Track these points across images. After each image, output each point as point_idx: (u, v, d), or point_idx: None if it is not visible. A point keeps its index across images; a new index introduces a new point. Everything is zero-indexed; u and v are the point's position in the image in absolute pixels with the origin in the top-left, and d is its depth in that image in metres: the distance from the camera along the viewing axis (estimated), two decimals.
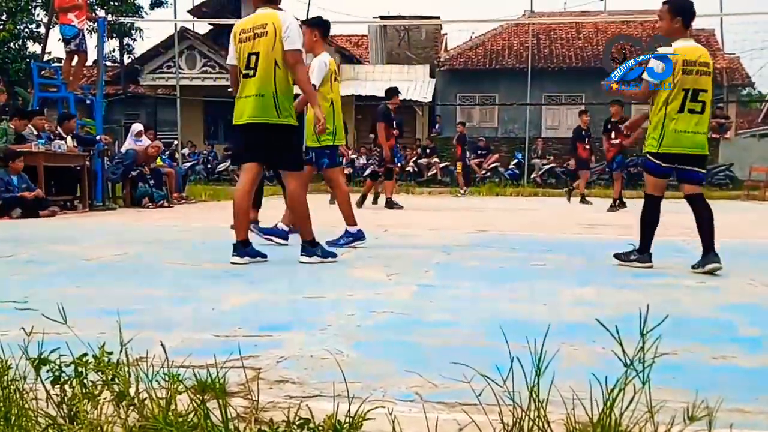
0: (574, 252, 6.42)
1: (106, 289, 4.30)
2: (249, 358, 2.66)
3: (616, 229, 8.90)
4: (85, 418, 1.68)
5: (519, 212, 12.50)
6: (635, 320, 1.71)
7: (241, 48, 5.20)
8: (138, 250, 6.21)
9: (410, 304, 3.89)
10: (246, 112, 5.18)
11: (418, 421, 1.87)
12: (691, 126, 5.13)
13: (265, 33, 5.14)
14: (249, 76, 5.17)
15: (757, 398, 2.17)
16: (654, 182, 5.37)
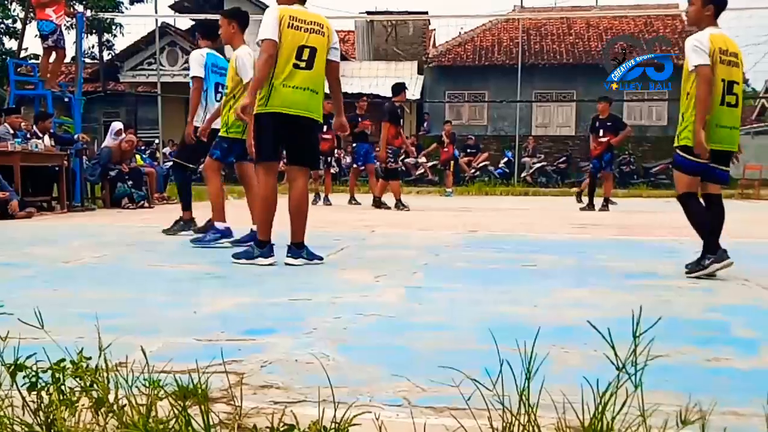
0: (565, 253, 6.44)
1: (85, 293, 4.28)
2: (232, 363, 2.65)
3: (608, 229, 8.95)
4: (63, 425, 1.67)
5: (509, 212, 12.53)
6: (627, 322, 1.72)
7: (291, 35, 5.15)
8: (117, 252, 6.18)
9: (398, 307, 3.89)
10: (299, 103, 5.18)
11: (406, 426, 1.87)
12: (730, 120, 5.02)
13: (322, 32, 5.27)
14: (301, 68, 5.16)
15: (751, 400, 2.18)
16: (688, 180, 5.09)
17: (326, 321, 3.48)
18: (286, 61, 5.13)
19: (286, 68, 5.12)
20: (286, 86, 5.13)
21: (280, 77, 5.12)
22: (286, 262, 5.29)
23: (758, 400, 2.04)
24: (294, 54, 5.14)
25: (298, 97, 5.16)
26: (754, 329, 3.50)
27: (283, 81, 5.12)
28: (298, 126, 5.21)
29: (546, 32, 28.62)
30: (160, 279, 4.82)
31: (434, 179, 23.06)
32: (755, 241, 7.90)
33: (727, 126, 4.99)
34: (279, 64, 5.12)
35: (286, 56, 5.13)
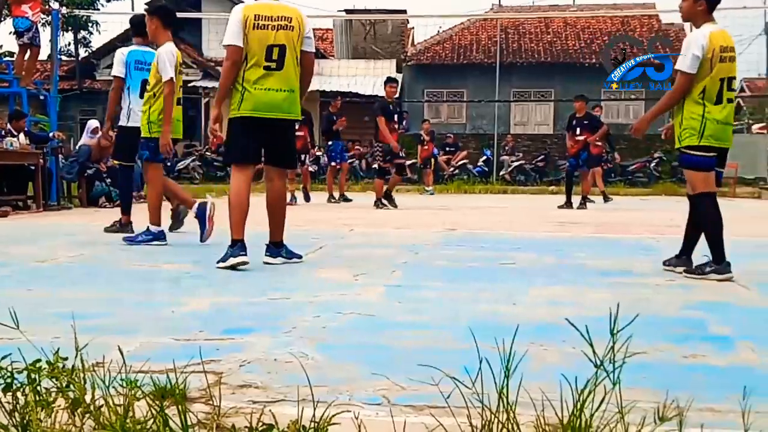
0: (543, 251, 6.46)
1: (61, 293, 4.24)
2: (210, 363, 2.64)
3: (586, 227, 9.01)
4: (39, 426, 1.66)
5: (488, 210, 12.57)
6: (605, 319, 1.73)
7: (257, 36, 4.98)
8: (94, 252, 6.13)
9: (377, 306, 3.89)
10: (274, 106, 5.03)
11: (386, 425, 1.87)
12: (729, 117, 4.90)
13: (290, 27, 5.08)
14: (272, 69, 5.01)
15: (727, 397, 2.20)
16: (703, 177, 4.93)
17: (305, 320, 3.48)
18: (255, 64, 4.99)
19: (257, 71, 4.99)
20: (258, 89, 5.00)
21: (251, 80, 4.99)
22: (264, 261, 5.22)
23: (734, 396, 2.06)
24: (263, 55, 4.99)
25: (272, 99, 5.03)
26: (729, 326, 3.53)
27: (254, 84, 4.99)
28: (274, 128, 5.11)
29: (524, 31, 28.73)
30: (137, 278, 4.79)
31: (413, 177, 23.07)
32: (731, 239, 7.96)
33: (729, 123, 4.93)
34: (249, 68, 5.00)
35: (255, 59, 4.99)
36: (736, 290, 4.52)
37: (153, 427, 1.64)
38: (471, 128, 27.28)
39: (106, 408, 1.76)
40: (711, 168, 4.91)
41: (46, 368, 1.83)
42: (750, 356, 2.94)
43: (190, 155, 23.88)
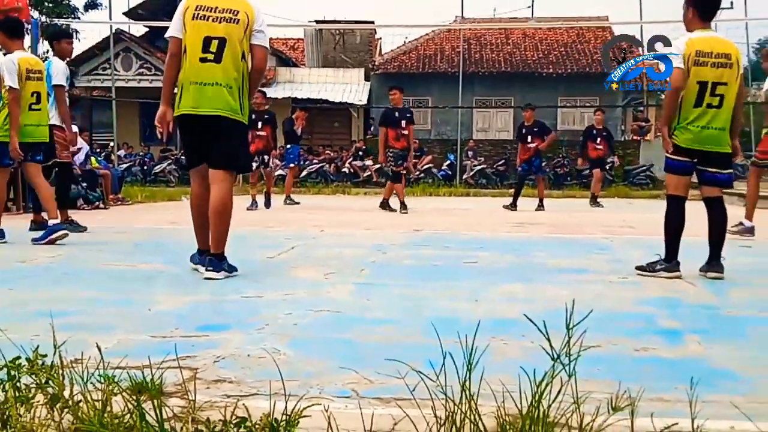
0: (504, 250, 6.50)
1: (40, 292, 4.18)
2: (186, 359, 2.62)
3: (543, 228, 9.07)
4: (18, 422, 1.63)
5: (452, 212, 12.61)
6: (562, 315, 1.74)
7: (196, 26, 4.53)
8: (73, 252, 6.05)
9: (347, 303, 3.89)
10: (208, 101, 4.54)
11: (354, 417, 1.87)
12: (708, 121, 4.77)
13: (236, 20, 4.57)
14: (209, 61, 4.52)
15: (676, 387, 2.23)
16: (675, 180, 4.92)
17: (277, 317, 3.46)
18: (192, 56, 4.54)
19: (194, 63, 4.54)
20: (193, 83, 4.54)
21: (189, 74, 4.55)
22: (205, 277, 4.56)
23: (683, 386, 2.09)
24: (200, 47, 4.51)
25: (205, 94, 4.53)
26: (678, 321, 3.58)
27: (191, 78, 4.54)
28: (210, 125, 4.61)
29: (485, 42, 28.88)
30: (114, 278, 4.73)
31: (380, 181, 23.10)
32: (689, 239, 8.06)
33: (708, 126, 4.78)
34: (187, 60, 4.55)
35: (191, 50, 4.54)
36: (684, 287, 4.58)
37: (130, 422, 1.62)
38: (435, 134, 27.34)
39: (84, 403, 1.74)
40: (684, 172, 4.89)
41: (25, 365, 1.81)
42: (697, 349, 2.98)
43: (166, 159, 23.69)
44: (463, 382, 1.67)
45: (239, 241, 6.28)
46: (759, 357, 2.85)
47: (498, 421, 1.65)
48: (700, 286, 4.61)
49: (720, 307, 4.01)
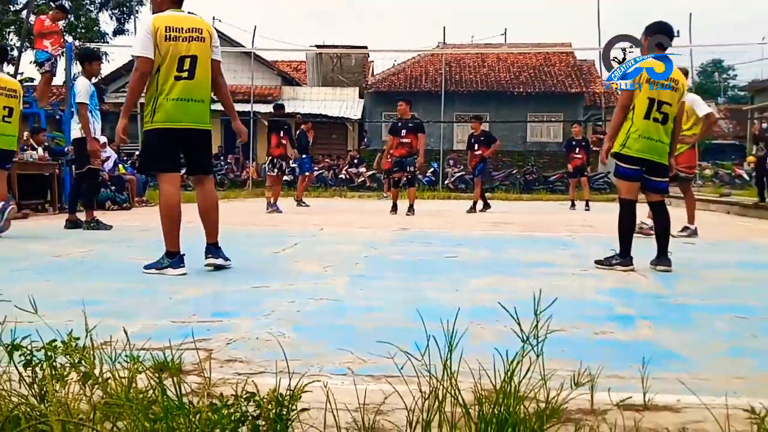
0: (480, 246, 6.52)
1: (74, 283, 4.17)
2: (202, 341, 2.62)
3: (514, 227, 9.09)
4: (54, 396, 1.62)
5: (435, 213, 12.61)
6: (531, 303, 1.75)
7: (169, 47, 4.35)
8: (102, 248, 6.03)
9: (343, 293, 3.89)
10: (186, 116, 4.45)
11: (350, 392, 1.87)
12: (654, 133, 4.80)
13: (201, 38, 4.46)
14: (183, 78, 4.39)
15: (630, 366, 2.24)
16: (626, 186, 4.96)
17: (282, 305, 3.46)
18: (167, 74, 4.37)
19: (168, 81, 4.37)
20: (169, 100, 4.38)
21: (164, 92, 4.38)
22: (207, 264, 4.62)
23: (636, 365, 2.10)
24: (175, 66, 4.36)
25: (183, 109, 4.42)
26: (632, 308, 3.60)
27: (166, 95, 4.38)
28: (188, 138, 4.52)
29: (464, 65, 28.92)
30: (138, 271, 4.71)
31: (373, 186, 23.09)
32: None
33: (654, 139, 4.81)
34: (161, 79, 4.37)
35: (166, 69, 4.37)
36: (637, 279, 4.60)
37: (153, 396, 1.62)
38: None
39: (112, 380, 1.73)
40: (633, 179, 4.91)
41: (60, 347, 1.80)
42: (648, 333, 2.99)
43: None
44: (445, 362, 1.67)
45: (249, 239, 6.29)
46: (701, 340, 2.87)
47: (475, 396, 1.65)
48: (650, 277, 4.64)
49: (668, 296, 4.03)
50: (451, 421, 1.52)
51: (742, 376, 2.30)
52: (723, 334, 2.99)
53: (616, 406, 1.88)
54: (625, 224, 4.95)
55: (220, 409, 1.47)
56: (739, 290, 4.27)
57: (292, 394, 1.55)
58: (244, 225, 5.31)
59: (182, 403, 1.52)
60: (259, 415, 1.49)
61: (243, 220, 9.81)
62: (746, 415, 1.70)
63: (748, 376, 2.30)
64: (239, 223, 9.35)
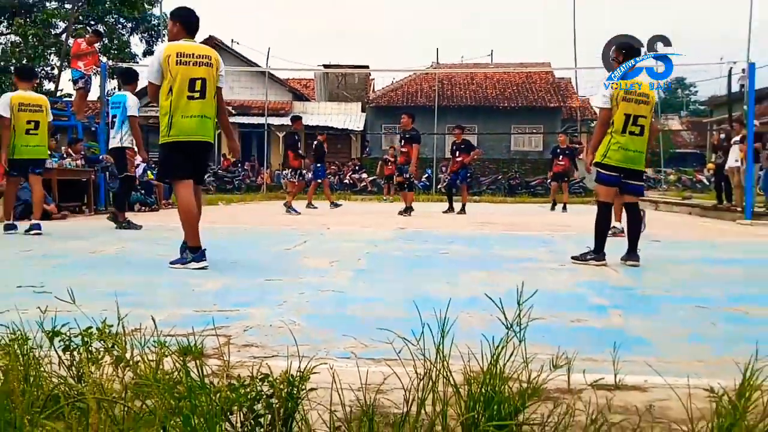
0: (469, 244, 6.51)
1: (108, 276, 4.16)
2: (221, 328, 2.62)
3: (499, 227, 9.09)
4: (90, 377, 1.63)
5: (429, 214, 12.60)
6: (514, 294, 1.75)
7: (181, 71, 4.45)
8: (133, 246, 6.03)
9: (347, 285, 3.89)
10: (196, 131, 4.53)
11: (353, 373, 1.87)
12: (631, 145, 4.84)
13: (210, 63, 4.56)
14: (195, 98, 4.49)
15: (603, 350, 2.24)
16: (604, 190, 4.96)
17: (293, 296, 3.46)
18: (180, 94, 4.46)
19: (181, 100, 4.46)
20: (184, 117, 4.48)
21: (178, 109, 4.46)
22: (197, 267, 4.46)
23: (608, 350, 2.10)
24: (187, 86, 4.46)
25: (193, 125, 4.51)
26: (604, 299, 3.60)
27: (181, 113, 4.47)
28: (195, 149, 4.60)
29: (455, 82, 28.89)
30: (165, 266, 4.71)
31: (373, 190, 23.10)
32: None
33: (632, 150, 4.85)
34: (175, 98, 4.46)
35: (179, 89, 4.45)
36: (608, 273, 4.60)
37: (178, 377, 1.62)
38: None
39: (141, 363, 1.73)
40: (612, 184, 4.94)
41: (95, 333, 1.80)
42: (619, 321, 2.99)
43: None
44: (438, 346, 1.67)
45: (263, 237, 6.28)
46: (666, 327, 2.87)
47: (465, 377, 1.65)
48: (621, 272, 4.64)
49: (636, 288, 4.03)
50: (444, 399, 1.52)
51: (702, 360, 2.30)
52: (685, 322, 2.99)
53: (590, 386, 1.88)
54: (602, 224, 4.97)
55: (237, 388, 1.47)
56: (700, 283, 4.28)
57: (302, 376, 1.55)
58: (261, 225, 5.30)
59: (204, 384, 1.52)
60: (273, 394, 1.49)
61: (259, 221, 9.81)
62: (706, 394, 1.70)
63: (708, 360, 2.31)
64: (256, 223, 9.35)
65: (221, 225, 7.52)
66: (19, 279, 3.88)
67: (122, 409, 1.47)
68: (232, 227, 7.42)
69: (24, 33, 25.84)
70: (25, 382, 1.62)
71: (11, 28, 26.60)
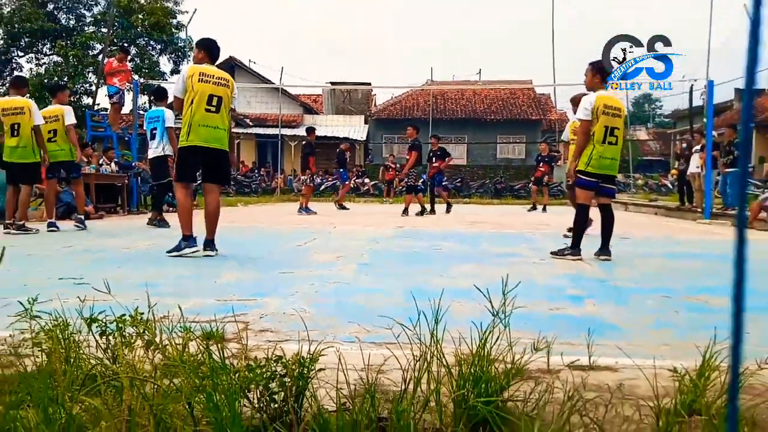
0: (460, 241, 6.51)
1: (140, 269, 4.16)
2: (240, 315, 2.62)
3: (487, 225, 9.08)
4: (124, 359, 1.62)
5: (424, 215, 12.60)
6: (500, 285, 1.75)
7: (201, 87, 4.74)
8: (162, 242, 6.02)
9: (352, 277, 3.89)
10: (211, 139, 4.76)
11: (357, 355, 1.87)
12: (608, 153, 4.86)
13: (227, 84, 4.87)
14: (212, 112, 4.76)
15: (579, 335, 2.23)
16: (585, 194, 4.95)
17: (303, 287, 3.46)
18: (199, 106, 4.72)
19: (199, 112, 4.72)
20: (201, 126, 4.73)
21: (196, 119, 4.72)
22: (204, 254, 4.80)
23: (583, 335, 2.10)
24: (206, 101, 4.73)
25: (208, 133, 4.75)
26: (580, 289, 3.59)
27: (198, 122, 4.73)
28: (209, 154, 4.79)
29: (447, 97, 28.89)
30: (190, 260, 4.71)
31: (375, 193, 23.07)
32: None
33: (609, 158, 4.87)
34: (194, 109, 4.72)
35: (198, 102, 4.72)
36: (584, 266, 4.60)
37: (202, 359, 1.62)
38: None
39: (169, 346, 1.73)
40: (592, 189, 4.93)
41: (128, 320, 1.80)
42: (593, 309, 2.99)
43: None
44: (432, 332, 1.67)
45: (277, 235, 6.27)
46: (635, 315, 2.87)
47: (456, 358, 1.65)
48: (594, 265, 4.63)
49: (608, 280, 4.03)
50: (437, 379, 1.52)
51: (667, 343, 2.30)
52: (652, 310, 2.99)
53: (567, 366, 1.88)
54: (581, 224, 4.97)
55: (254, 369, 1.47)
56: (665, 276, 4.27)
57: (312, 357, 1.55)
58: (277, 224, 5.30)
59: (225, 365, 1.52)
60: (286, 373, 1.49)
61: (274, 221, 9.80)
62: (670, 374, 1.70)
63: (672, 343, 2.30)
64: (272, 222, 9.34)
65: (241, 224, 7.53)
66: (61, 272, 3.88)
67: (152, 387, 1.46)
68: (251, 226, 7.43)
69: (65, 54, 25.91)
70: (66, 363, 1.62)
71: (54, 49, 26.67)
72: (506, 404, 1.51)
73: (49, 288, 3.16)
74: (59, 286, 3.28)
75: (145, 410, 1.36)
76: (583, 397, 1.54)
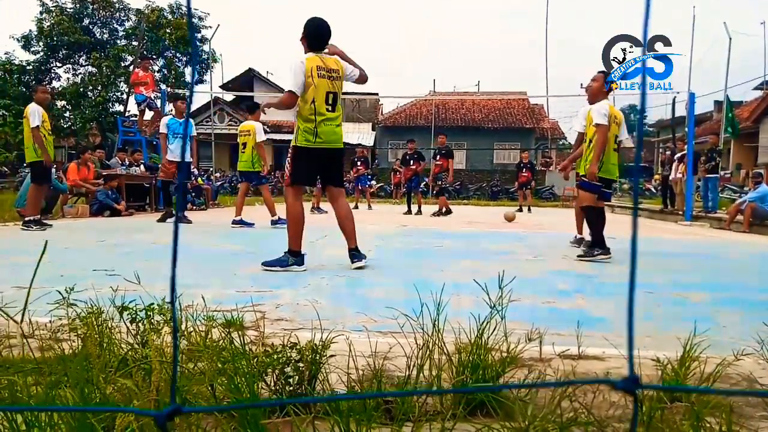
0: (460, 239, 6.50)
1: (166, 262, 4.18)
2: (258, 305, 2.63)
3: (484, 225, 9.06)
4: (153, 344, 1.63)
5: (425, 215, 12.59)
6: (496, 280, 1.74)
7: (319, 83, 3.89)
8: (185, 237, 6.05)
9: (360, 271, 3.89)
10: (336, 138, 4.02)
11: (365, 343, 1.87)
12: (614, 159, 4.83)
13: (339, 77, 4.01)
14: (330, 110, 3.97)
15: (568, 327, 2.23)
16: (590, 197, 4.84)
17: (316, 280, 3.47)
18: (320, 105, 3.92)
19: (322, 110, 3.93)
20: (326, 125, 3.96)
21: (321, 117, 3.94)
22: (355, 267, 4.01)
23: (572, 326, 2.09)
24: (324, 99, 3.93)
25: (333, 134, 4.01)
26: (570, 284, 3.58)
27: (323, 121, 3.95)
28: (333, 155, 4.05)
29: (449, 107, 28.82)
30: (213, 254, 4.73)
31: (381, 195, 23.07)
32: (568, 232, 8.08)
33: (614, 164, 4.85)
34: (317, 108, 3.92)
35: (320, 101, 3.92)
36: (573, 264, 4.57)
37: (223, 344, 1.62)
38: None
39: (194, 333, 1.74)
40: (595, 192, 4.84)
41: (156, 309, 1.81)
42: (581, 302, 2.98)
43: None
44: (434, 322, 1.67)
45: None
46: (621, 308, 2.86)
47: (456, 347, 1.65)
48: (584, 263, 4.61)
49: (596, 276, 4.01)
50: (438, 365, 1.52)
51: (650, 335, 2.29)
52: (636, 304, 2.97)
53: (558, 356, 1.87)
54: (596, 224, 4.78)
55: (271, 354, 1.48)
56: (648, 272, 4.25)
57: (323, 345, 1.55)
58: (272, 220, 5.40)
59: (244, 350, 1.52)
60: (300, 359, 1.50)
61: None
62: (653, 363, 1.69)
63: (654, 335, 2.29)
64: None
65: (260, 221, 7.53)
66: (95, 264, 3.90)
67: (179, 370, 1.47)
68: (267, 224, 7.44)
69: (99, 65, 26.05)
70: (100, 348, 1.63)
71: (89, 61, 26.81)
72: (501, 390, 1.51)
73: (84, 279, 3.18)
74: (93, 277, 3.30)
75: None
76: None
